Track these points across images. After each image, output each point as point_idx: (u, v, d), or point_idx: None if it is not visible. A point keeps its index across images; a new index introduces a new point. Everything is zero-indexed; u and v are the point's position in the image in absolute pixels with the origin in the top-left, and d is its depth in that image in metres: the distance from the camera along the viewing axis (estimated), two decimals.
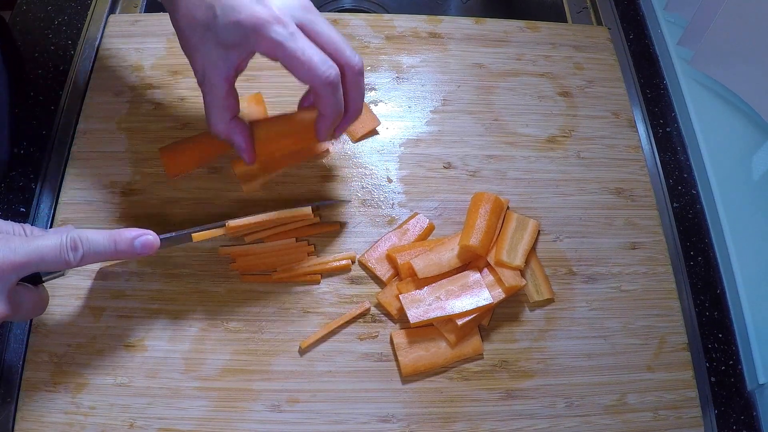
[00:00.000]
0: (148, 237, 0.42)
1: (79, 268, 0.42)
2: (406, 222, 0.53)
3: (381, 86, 0.61)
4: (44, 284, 0.43)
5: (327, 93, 0.44)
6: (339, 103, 0.45)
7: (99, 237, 0.41)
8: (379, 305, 0.50)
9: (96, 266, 0.50)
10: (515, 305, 0.51)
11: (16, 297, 0.39)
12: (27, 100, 0.59)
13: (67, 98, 0.59)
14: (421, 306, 0.48)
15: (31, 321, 0.48)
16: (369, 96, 0.60)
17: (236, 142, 0.47)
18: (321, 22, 0.44)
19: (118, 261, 0.50)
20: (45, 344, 0.47)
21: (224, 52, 0.43)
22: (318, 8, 0.45)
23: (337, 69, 0.43)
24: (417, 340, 0.48)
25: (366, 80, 0.61)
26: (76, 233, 0.40)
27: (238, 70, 0.45)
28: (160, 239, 0.44)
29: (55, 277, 0.44)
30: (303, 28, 0.43)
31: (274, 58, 0.43)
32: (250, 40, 0.42)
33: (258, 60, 0.44)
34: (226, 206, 0.53)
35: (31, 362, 0.46)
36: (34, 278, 0.42)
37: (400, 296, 0.48)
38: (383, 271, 0.51)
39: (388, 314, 0.50)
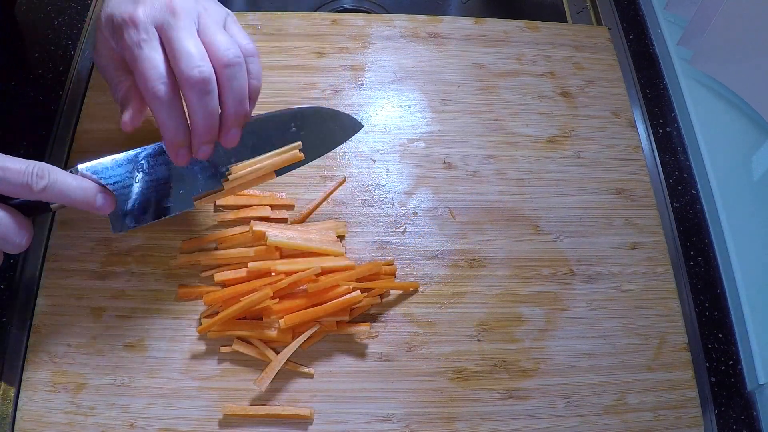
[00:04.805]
0: (108, 196, 0.43)
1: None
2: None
3: (381, 86, 0.61)
4: None
5: (155, 107, 0.42)
6: (172, 118, 0.42)
7: (68, 177, 0.41)
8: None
9: (97, 266, 0.50)
10: (513, 305, 0.51)
11: None
12: (27, 100, 0.59)
13: (67, 98, 0.59)
14: None
15: (31, 321, 0.48)
16: (368, 96, 0.60)
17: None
18: (178, 28, 0.42)
19: (114, 261, 0.50)
20: (45, 344, 0.47)
21: (109, 42, 0.45)
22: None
23: (166, 85, 0.41)
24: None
25: (365, 80, 0.61)
26: (46, 165, 0.40)
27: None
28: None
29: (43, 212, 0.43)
30: (160, 33, 0.42)
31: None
32: (115, 36, 0.43)
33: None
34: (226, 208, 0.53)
35: (31, 362, 0.46)
36: (39, 206, 0.42)
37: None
38: None
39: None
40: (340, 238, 0.52)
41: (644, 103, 0.65)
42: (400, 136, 0.58)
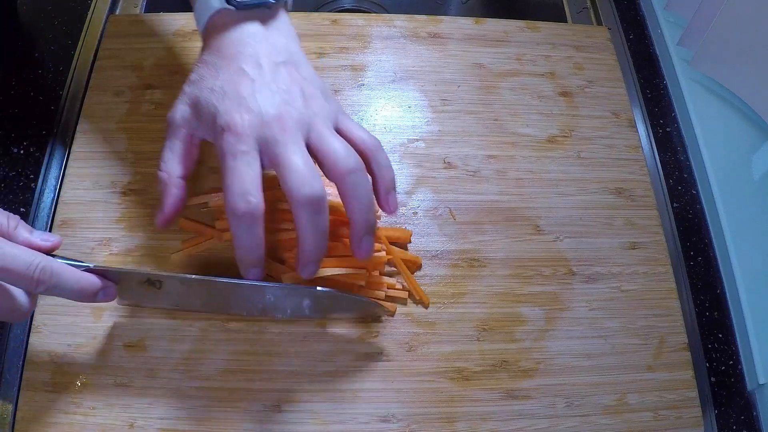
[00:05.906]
0: (111, 290, 0.42)
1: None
2: None
3: (381, 86, 0.61)
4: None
5: (231, 221, 0.40)
6: (247, 238, 0.40)
7: (70, 277, 0.39)
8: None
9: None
10: (513, 305, 0.51)
11: None
12: (27, 100, 0.59)
13: (67, 98, 0.59)
14: None
15: (31, 320, 0.48)
16: (368, 96, 0.60)
17: (164, 198, 0.44)
18: (285, 144, 0.40)
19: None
20: (45, 344, 0.47)
21: (197, 123, 0.44)
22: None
23: (250, 205, 0.39)
24: None
25: (365, 80, 0.61)
26: (50, 265, 0.38)
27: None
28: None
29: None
30: (264, 148, 0.40)
31: None
32: (213, 135, 0.42)
33: None
34: None
35: (31, 362, 0.46)
36: None
37: None
38: None
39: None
40: None
41: (644, 103, 0.65)
42: (400, 136, 0.58)
